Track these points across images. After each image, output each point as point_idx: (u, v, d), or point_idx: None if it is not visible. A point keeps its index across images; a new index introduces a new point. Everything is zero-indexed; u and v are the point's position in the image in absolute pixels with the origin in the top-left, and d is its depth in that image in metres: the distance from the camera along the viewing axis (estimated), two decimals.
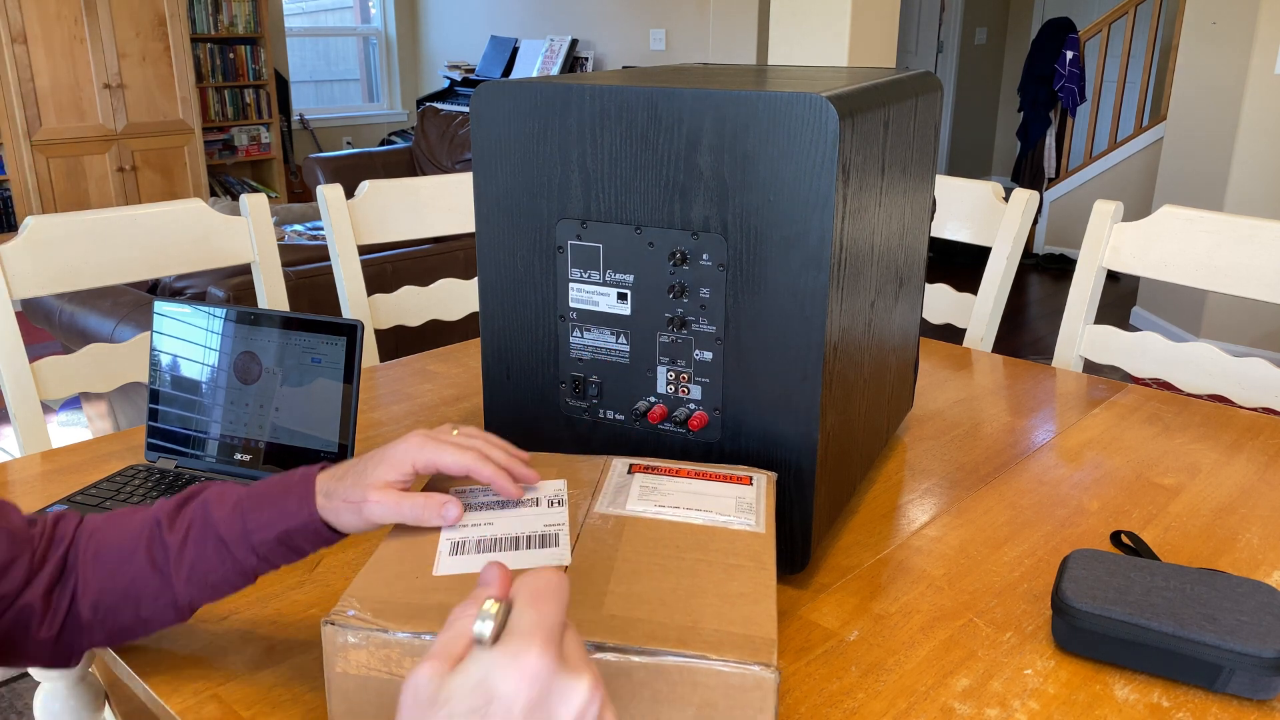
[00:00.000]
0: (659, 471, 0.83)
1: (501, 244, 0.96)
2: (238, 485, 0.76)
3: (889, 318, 1.09)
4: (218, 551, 0.73)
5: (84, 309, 2.54)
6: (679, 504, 0.78)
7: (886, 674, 0.81)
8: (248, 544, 0.73)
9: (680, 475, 0.83)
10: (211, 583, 0.73)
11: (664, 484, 0.81)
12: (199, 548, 0.73)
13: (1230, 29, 3.96)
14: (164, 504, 0.76)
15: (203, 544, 0.73)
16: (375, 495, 0.71)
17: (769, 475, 0.84)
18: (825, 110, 0.81)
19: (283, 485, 0.74)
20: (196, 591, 0.74)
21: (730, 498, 0.80)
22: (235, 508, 0.74)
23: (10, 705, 2.04)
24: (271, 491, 0.74)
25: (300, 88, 6.98)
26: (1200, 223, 1.53)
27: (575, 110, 0.89)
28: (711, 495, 0.80)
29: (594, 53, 6.10)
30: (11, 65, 4.85)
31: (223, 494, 0.75)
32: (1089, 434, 1.29)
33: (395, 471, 0.73)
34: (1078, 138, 6.49)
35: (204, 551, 0.73)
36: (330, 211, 1.68)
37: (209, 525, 0.73)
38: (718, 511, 0.77)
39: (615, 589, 0.66)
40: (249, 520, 0.73)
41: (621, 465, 0.85)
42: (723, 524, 0.76)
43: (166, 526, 0.74)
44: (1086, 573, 0.85)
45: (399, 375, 1.50)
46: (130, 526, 0.75)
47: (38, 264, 1.40)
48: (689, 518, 0.76)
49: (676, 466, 0.84)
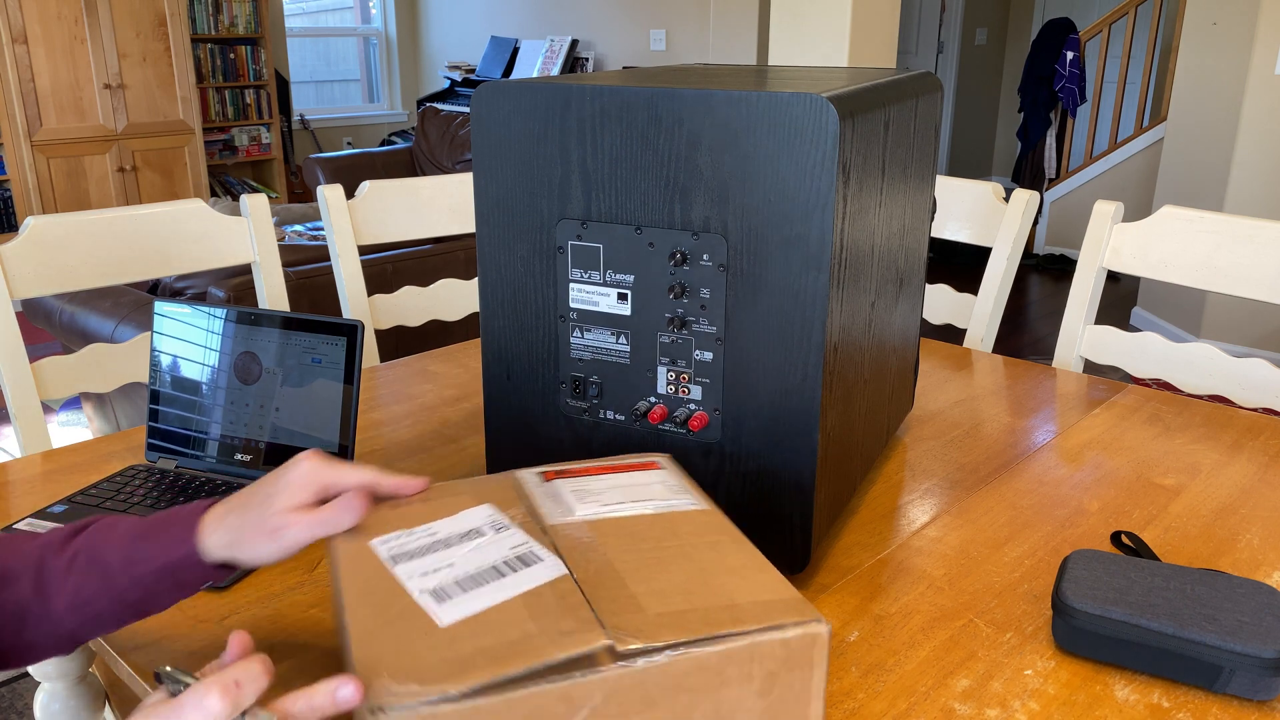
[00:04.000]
0: (575, 474, 0.82)
1: (502, 244, 0.96)
2: (133, 517, 0.74)
3: (889, 318, 1.09)
4: (101, 580, 0.71)
5: (84, 309, 2.54)
6: (620, 499, 0.77)
7: (886, 674, 0.81)
8: (129, 575, 0.70)
9: (596, 473, 0.82)
10: (94, 612, 0.71)
11: (590, 484, 0.80)
12: (82, 575, 0.71)
13: (1230, 29, 3.96)
14: (57, 530, 0.74)
15: (87, 572, 0.71)
16: (291, 519, 0.69)
17: (667, 456, 0.86)
18: (825, 111, 0.81)
19: (169, 521, 0.72)
20: (79, 621, 0.71)
21: (656, 484, 0.80)
22: (123, 536, 0.72)
23: (10, 705, 2.04)
24: (158, 525, 0.72)
25: (300, 88, 6.98)
26: (1200, 223, 1.53)
27: (575, 110, 0.89)
28: (640, 485, 0.80)
29: (594, 53, 6.11)
30: (12, 65, 4.85)
31: (114, 523, 0.73)
32: (1089, 434, 1.29)
33: (302, 493, 0.70)
34: (1078, 138, 6.49)
35: (87, 579, 0.71)
36: (330, 212, 1.68)
37: (95, 553, 0.71)
38: (658, 498, 0.77)
39: (639, 589, 0.66)
40: (133, 550, 0.71)
41: (532, 476, 0.82)
42: (672, 508, 0.76)
43: (54, 551, 0.72)
44: (1087, 573, 0.85)
45: (399, 375, 1.50)
46: (22, 549, 0.73)
47: (38, 264, 1.40)
48: (640, 509, 0.76)
49: (584, 465, 0.84)
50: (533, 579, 0.68)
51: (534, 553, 0.70)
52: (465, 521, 0.75)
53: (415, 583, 0.68)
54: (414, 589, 0.67)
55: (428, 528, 0.73)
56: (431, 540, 0.72)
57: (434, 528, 0.73)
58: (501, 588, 0.67)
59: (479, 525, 0.74)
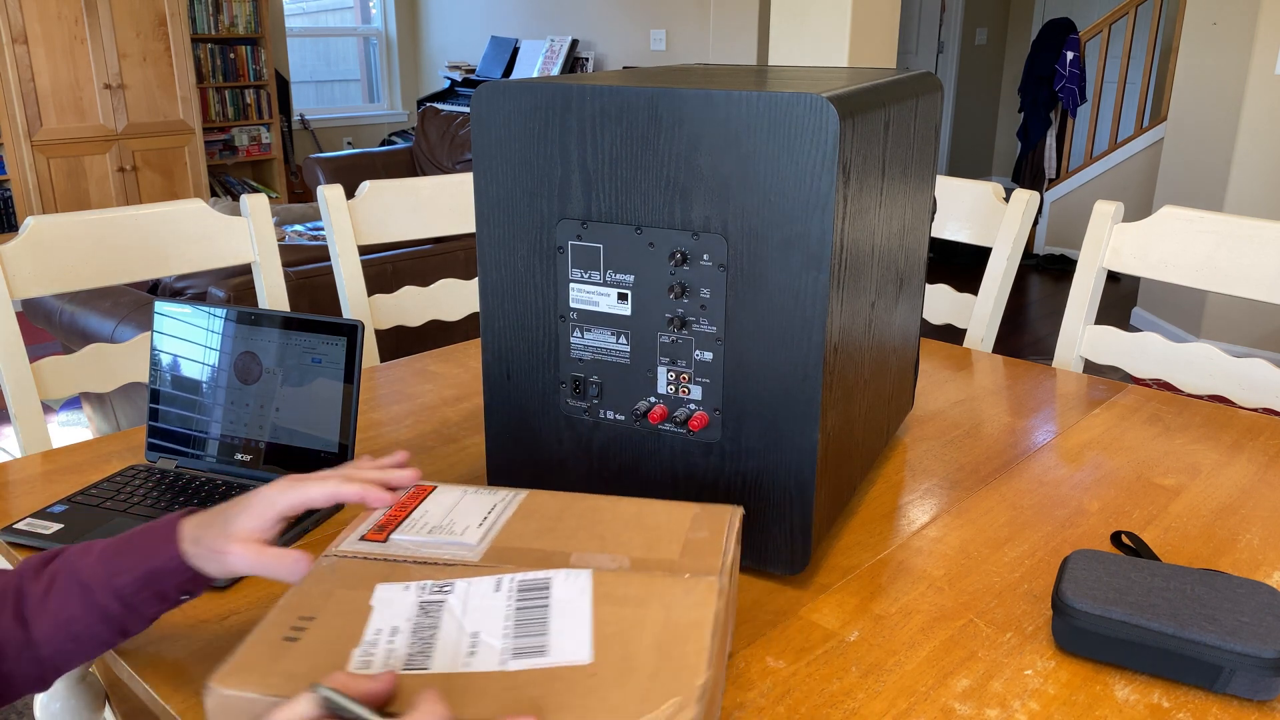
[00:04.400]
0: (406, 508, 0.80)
1: (502, 244, 0.96)
2: (104, 540, 0.74)
3: (889, 318, 1.09)
4: (81, 598, 0.70)
5: (84, 309, 2.54)
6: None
7: (886, 674, 0.81)
8: (110, 588, 0.70)
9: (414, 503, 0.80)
10: (75, 633, 0.71)
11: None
12: (63, 596, 0.71)
13: (1230, 29, 3.96)
14: (29, 560, 0.74)
15: (66, 593, 0.71)
16: (237, 546, 0.70)
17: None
18: (826, 111, 0.81)
19: (146, 531, 0.73)
20: (60, 645, 0.71)
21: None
22: (100, 555, 0.72)
23: (10, 705, 2.04)
24: (135, 537, 0.72)
25: (301, 88, 6.98)
26: (1201, 223, 1.53)
27: (575, 110, 0.89)
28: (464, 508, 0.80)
29: (594, 53, 6.10)
30: (12, 65, 4.85)
31: (88, 546, 0.73)
32: (1089, 434, 1.29)
33: (258, 520, 0.71)
34: (1078, 138, 6.49)
35: (67, 600, 0.70)
36: (330, 211, 1.68)
37: (73, 573, 0.71)
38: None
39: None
40: (111, 565, 0.71)
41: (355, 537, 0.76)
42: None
43: (30, 578, 0.72)
44: (1087, 573, 0.85)
45: (399, 375, 1.50)
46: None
47: (38, 264, 1.40)
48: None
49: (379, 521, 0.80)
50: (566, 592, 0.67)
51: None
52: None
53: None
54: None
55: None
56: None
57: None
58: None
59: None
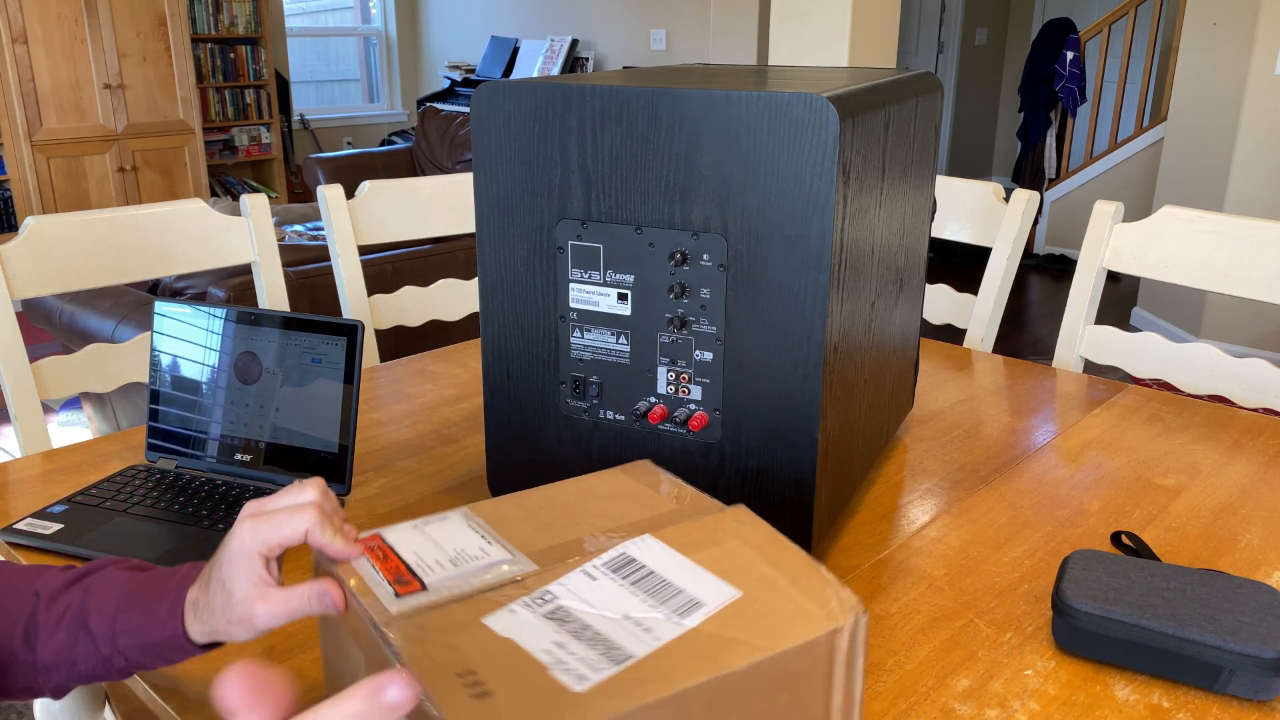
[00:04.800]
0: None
1: (502, 244, 0.96)
2: (129, 575, 0.72)
3: (889, 318, 1.09)
4: (86, 644, 0.70)
5: (84, 309, 2.54)
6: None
7: (886, 674, 0.81)
8: (113, 645, 0.70)
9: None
10: (80, 672, 0.71)
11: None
12: (70, 635, 0.71)
13: (1230, 29, 3.95)
14: (53, 578, 0.74)
15: (74, 632, 0.71)
16: (260, 607, 0.65)
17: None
18: (826, 111, 0.81)
19: (159, 591, 0.70)
20: (64, 676, 0.71)
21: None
22: (114, 604, 0.71)
23: (10, 705, 2.04)
24: (150, 593, 0.70)
25: (301, 88, 6.98)
26: (1201, 223, 1.53)
27: (575, 110, 0.89)
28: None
29: (594, 53, 6.10)
30: (12, 65, 4.85)
31: (108, 585, 0.72)
32: (1089, 434, 1.29)
33: (255, 573, 0.66)
34: (1078, 138, 6.49)
35: (74, 640, 0.70)
36: (330, 211, 1.68)
37: (83, 615, 0.71)
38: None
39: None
40: (119, 621, 0.70)
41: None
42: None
43: (46, 605, 0.72)
44: (1087, 573, 0.85)
45: (399, 375, 1.50)
46: (19, 591, 0.73)
47: (38, 264, 1.40)
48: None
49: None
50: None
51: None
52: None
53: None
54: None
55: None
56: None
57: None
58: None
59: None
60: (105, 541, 0.98)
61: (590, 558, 0.69)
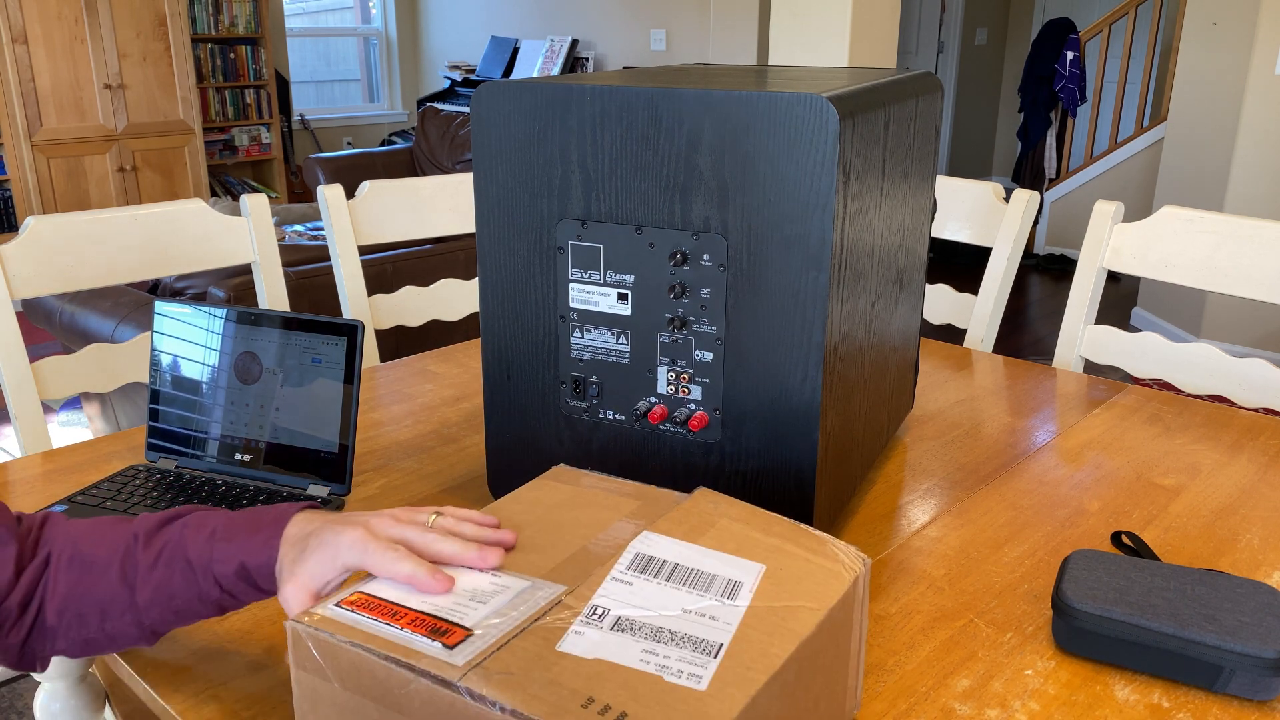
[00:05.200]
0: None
1: (502, 244, 0.96)
2: (224, 512, 0.74)
3: (889, 318, 1.09)
4: (184, 575, 0.71)
5: (84, 309, 2.54)
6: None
7: (886, 674, 0.81)
8: (210, 573, 0.71)
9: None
10: (176, 607, 0.72)
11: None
12: (167, 570, 0.72)
13: (1230, 29, 3.96)
14: (146, 519, 0.75)
15: (171, 566, 0.72)
16: (290, 588, 0.67)
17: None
18: (826, 111, 0.81)
19: (255, 520, 0.72)
20: (160, 613, 0.72)
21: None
22: (210, 533, 0.72)
23: (10, 705, 2.04)
24: (246, 523, 0.72)
25: (301, 88, 6.98)
26: (1201, 223, 1.53)
27: (576, 111, 0.89)
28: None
29: (594, 53, 6.10)
30: (12, 65, 4.85)
31: (204, 519, 0.73)
32: (1089, 434, 1.29)
33: (321, 568, 0.67)
34: (1078, 138, 6.49)
35: (171, 574, 0.72)
36: (330, 211, 1.68)
37: (180, 547, 0.72)
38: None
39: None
40: (216, 549, 0.71)
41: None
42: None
43: (143, 543, 0.73)
44: (1087, 573, 0.85)
45: (399, 375, 1.50)
46: (109, 537, 0.74)
47: (38, 264, 1.40)
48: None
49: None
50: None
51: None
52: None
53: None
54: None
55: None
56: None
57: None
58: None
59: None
60: None
61: (608, 564, 0.68)
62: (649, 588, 0.66)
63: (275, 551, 0.70)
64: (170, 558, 0.72)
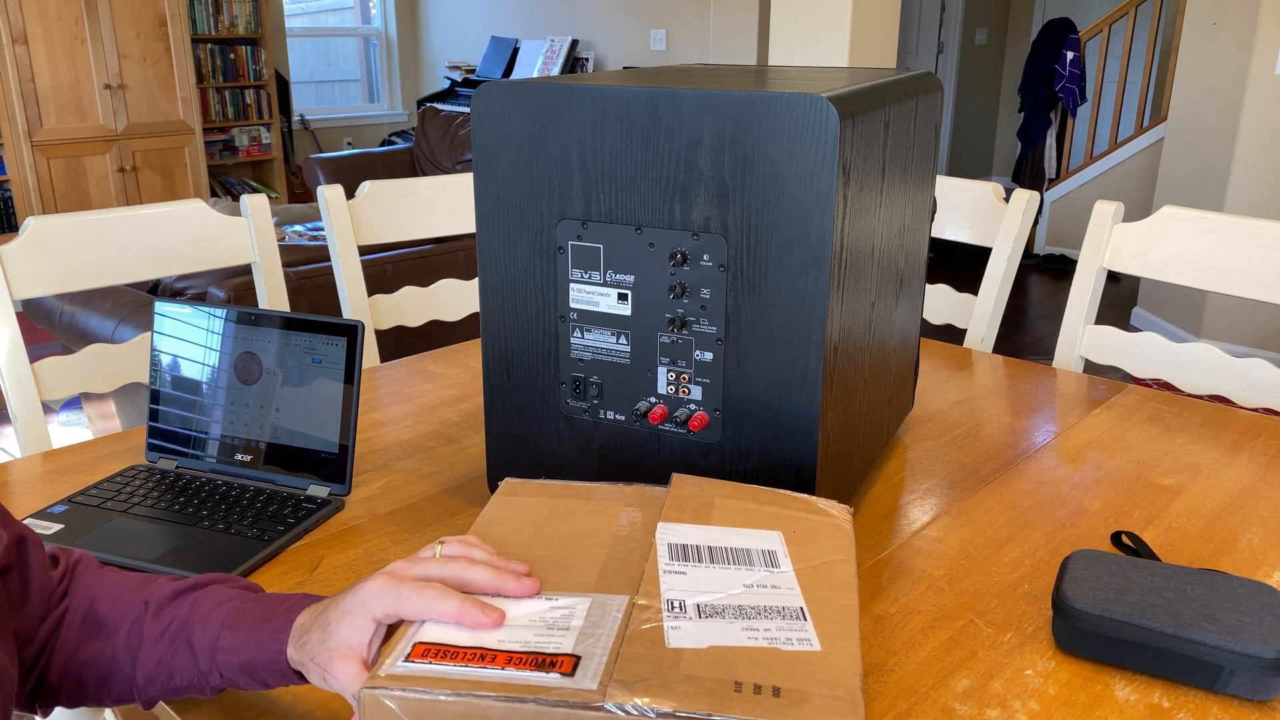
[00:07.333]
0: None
1: (502, 244, 0.96)
2: (238, 593, 0.73)
3: (889, 318, 1.09)
4: (186, 658, 0.71)
5: (84, 309, 2.54)
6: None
7: (887, 674, 0.81)
8: (212, 660, 0.70)
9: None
10: (175, 686, 0.71)
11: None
12: (171, 647, 0.71)
13: (1230, 29, 3.95)
14: (162, 586, 0.74)
15: (175, 644, 0.71)
16: (340, 665, 0.64)
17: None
18: (826, 111, 0.81)
19: (268, 611, 0.70)
20: (158, 690, 0.72)
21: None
22: (221, 619, 0.71)
23: None
24: (258, 613, 0.71)
25: (301, 88, 6.98)
26: (1201, 223, 1.53)
27: (576, 111, 0.89)
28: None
29: (594, 53, 6.10)
30: (12, 65, 4.85)
31: (216, 600, 0.72)
32: (1089, 434, 1.29)
33: (358, 632, 0.64)
34: (1078, 138, 6.49)
35: (174, 653, 0.71)
36: (331, 212, 1.68)
37: (187, 627, 0.71)
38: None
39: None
40: (223, 637, 0.70)
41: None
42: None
43: (153, 613, 0.73)
44: (1087, 573, 0.85)
45: (399, 375, 1.50)
46: (126, 598, 0.74)
47: (38, 264, 1.40)
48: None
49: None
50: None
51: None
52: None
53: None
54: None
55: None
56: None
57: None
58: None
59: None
60: (105, 542, 0.98)
61: (651, 562, 0.69)
62: (702, 572, 0.68)
63: (284, 645, 0.68)
64: (175, 635, 0.71)
